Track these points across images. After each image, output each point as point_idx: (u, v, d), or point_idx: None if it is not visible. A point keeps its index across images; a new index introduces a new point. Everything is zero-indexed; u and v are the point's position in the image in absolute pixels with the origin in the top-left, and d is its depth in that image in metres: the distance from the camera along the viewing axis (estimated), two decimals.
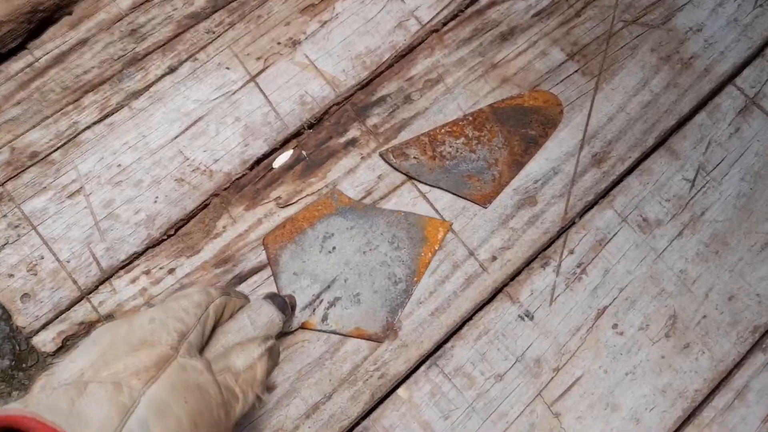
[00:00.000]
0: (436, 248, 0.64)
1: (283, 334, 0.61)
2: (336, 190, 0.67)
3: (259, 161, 0.69)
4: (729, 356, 0.64)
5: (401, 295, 0.63)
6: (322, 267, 0.64)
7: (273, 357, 0.49)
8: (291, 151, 0.69)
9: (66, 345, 0.61)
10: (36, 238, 0.64)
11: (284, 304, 0.53)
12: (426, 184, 0.69)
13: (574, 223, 0.68)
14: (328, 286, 0.63)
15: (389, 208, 0.66)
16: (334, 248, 0.64)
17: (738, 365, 0.64)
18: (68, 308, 0.62)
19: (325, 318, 0.62)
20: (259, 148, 0.69)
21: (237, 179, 0.68)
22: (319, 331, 0.62)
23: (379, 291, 0.63)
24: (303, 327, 0.62)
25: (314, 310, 0.62)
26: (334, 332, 0.62)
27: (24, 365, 1.59)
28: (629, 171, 0.70)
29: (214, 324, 0.47)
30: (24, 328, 0.61)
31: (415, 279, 0.63)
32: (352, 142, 0.70)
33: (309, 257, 0.64)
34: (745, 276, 0.67)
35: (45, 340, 0.61)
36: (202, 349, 0.46)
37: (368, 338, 0.61)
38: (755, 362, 0.64)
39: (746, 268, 0.67)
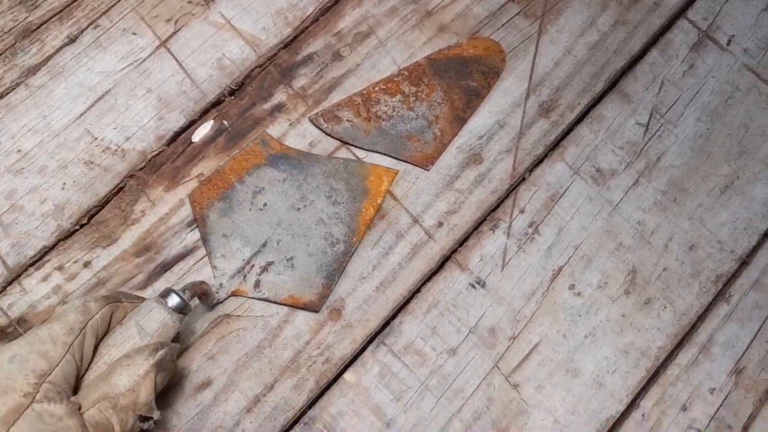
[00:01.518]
0: (379, 201, 0.58)
1: (213, 306, 0.55)
2: (266, 135, 0.60)
3: (176, 136, 0.62)
4: (692, 309, 0.60)
5: (339, 258, 0.57)
6: (252, 227, 0.57)
7: (165, 367, 0.44)
8: (211, 122, 0.62)
9: None
10: None
11: (182, 304, 0.47)
12: (362, 148, 0.63)
13: (523, 179, 0.63)
14: (259, 250, 0.57)
15: (326, 156, 0.60)
16: (265, 205, 0.58)
17: (701, 318, 0.60)
18: None
19: (257, 285, 0.56)
20: (176, 120, 0.62)
21: (153, 157, 0.61)
22: (251, 298, 0.56)
23: (315, 254, 0.57)
24: (234, 294, 0.56)
25: (245, 276, 0.56)
26: (267, 300, 0.56)
27: None
28: (579, 119, 0.65)
29: (99, 339, 0.42)
30: None
31: (355, 239, 0.58)
32: (279, 108, 0.63)
33: (238, 216, 0.58)
34: (705, 223, 0.62)
35: None
36: (83, 374, 0.40)
37: (303, 306, 0.56)
38: (719, 313, 0.60)
39: (706, 215, 0.63)
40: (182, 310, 0.48)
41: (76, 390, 0.43)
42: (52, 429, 0.37)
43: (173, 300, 0.48)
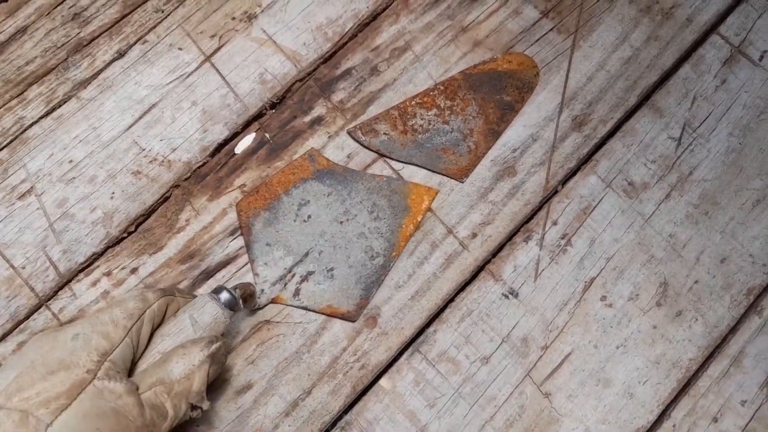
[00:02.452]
0: (419, 219, 0.60)
1: (254, 310, 0.57)
2: (314, 150, 0.62)
3: (220, 147, 0.64)
4: (723, 321, 0.61)
5: (378, 271, 0.59)
6: (296, 237, 0.59)
7: (218, 360, 0.46)
8: (253, 135, 0.64)
9: None
10: None
11: (233, 301, 0.49)
12: (398, 161, 0.64)
13: (556, 192, 0.64)
14: (301, 259, 0.59)
15: (371, 173, 0.62)
16: (309, 217, 0.60)
17: (733, 330, 0.61)
18: (27, 317, 0.58)
19: (296, 293, 0.58)
20: (219, 133, 0.64)
21: (198, 168, 0.63)
22: (290, 306, 0.58)
23: (355, 266, 0.59)
24: (274, 302, 0.58)
25: (286, 284, 0.58)
26: (305, 308, 0.58)
27: None
28: (612, 133, 0.66)
29: (154, 328, 0.44)
30: None
31: (394, 254, 0.59)
32: (318, 121, 0.65)
33: (283, 226, 0.60)
34: (736, 236, 0.63)
35: (4, 354, 0.57)
36: (137, 359, 0.43)
37: (340, 316, 0.57)
38: (750, 326, 0.61)
39: (738, 228, 0.63)
40: (233, 306, 0.50)
41: (130, 374, 0.45)
42: (111, 405, 0.39)
43: (225, 296, 0.50)
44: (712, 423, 0.59)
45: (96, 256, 0.61)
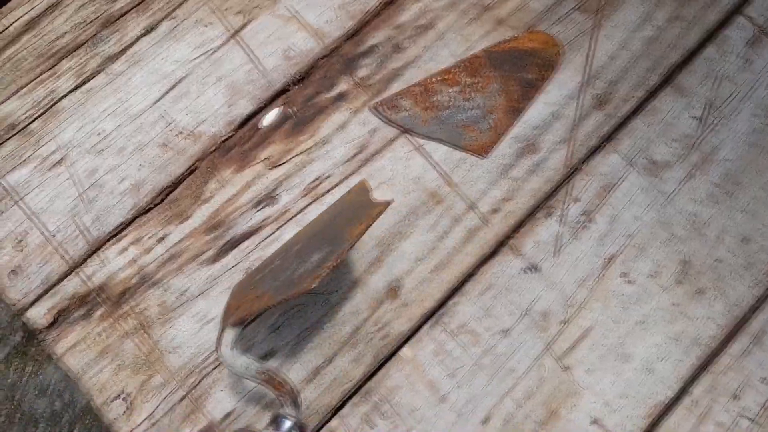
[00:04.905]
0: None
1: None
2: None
3: (245, 121, 0.67)
4: (744, 300, 0.62)
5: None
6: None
7: None
8: (278, 109, 0.67)
9: (58, 320, 0.60)
10: (20, 212, 0.63)
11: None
12: (421, 136, 0.67)
13: (578, 169, 0.66)
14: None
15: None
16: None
17: (754, 309, 0.62)
18: (58, 282, 0.61)
19: None
20: (245, 107, 0.67)
21: (223, 141, 0.66)
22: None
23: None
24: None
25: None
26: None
27: (36, 339, 1.60)
28: (634, 112, 0.68)
29: None
30: (14, 304, 0.60)
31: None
32: (342, 97, 0.68)
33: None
34: (758, 216, 0.65)
35: (37, 316, 0.60)
36: None
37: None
38: None
39: (760, 208, 0.65)
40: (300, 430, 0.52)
41: None
42: None
43: (285, 425, 0.52)
44: (732, 400, 0.60)
45: (124, 225, 0.64)
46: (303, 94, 0.68)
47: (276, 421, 0.52)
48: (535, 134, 0.67)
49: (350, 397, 0.60)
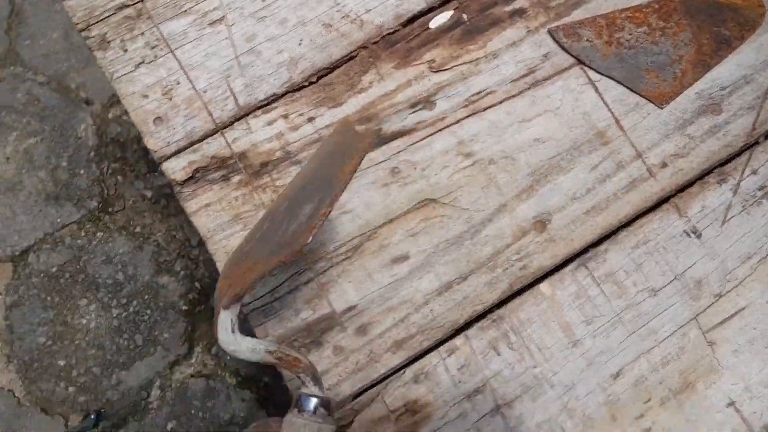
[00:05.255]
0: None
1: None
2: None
3: (414, 18, 0.64)
4: None
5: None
6: None
7: None
8: (451, 12, 0.64)
9: (195, 176, 0.58)
10: (173, 62, 0.61)
11: (322, 403, 0.47)
12: (597, 71, 0.63)
13: (760, 141, 0.61)
14: None
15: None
16: None
17: None
18: (201, 139, 0.59)
19: None
20: (417, 3, 0.64)
21: (389, 34, 0.63)
22: None
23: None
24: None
25: None
26: None
27: (111, 209, 1.62)
28: None
29: None
30: (155, 152, 0.59)
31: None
32: (519, 13, 0.64)
33: None
34: None
35: (175, 168, 0.59)
36: None
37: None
38: None
39: None
40: (325, 407, 0.47)
41: None
42: None
43: (310, 405, 0.46)
44: None
45: (276, 97, 0.61)
46: (479, 2, 0.64)
47: (299, 402, 0.46)
48: (722, 95, 0.62)
49: (478, 319, 0.57)
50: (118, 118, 1.69)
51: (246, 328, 0.50)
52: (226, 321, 0.46)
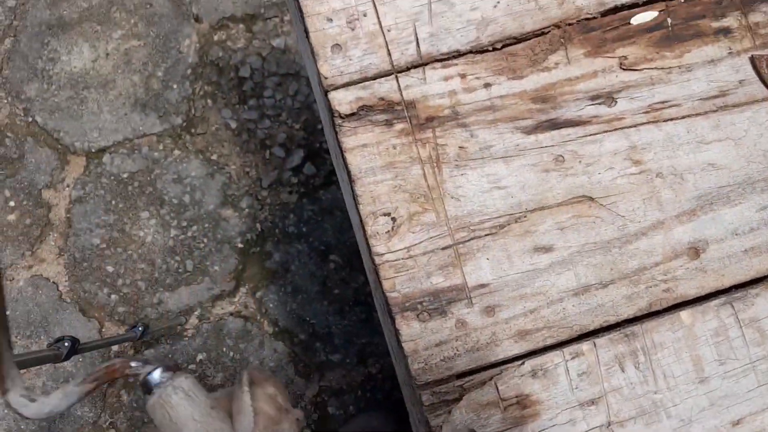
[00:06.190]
0: None
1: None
2: None
3: (616, 10, 0.63)
4: None
5: None
6: None
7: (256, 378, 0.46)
8: (656, 13, 0.63)
9: (359, 113, 0.59)
10: None
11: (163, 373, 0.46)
12: None
13: None
14: None
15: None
16: None
17: None
18: (374, 78, 0.60)
19: None
20: None
21: (587, 19, 0.63)
22: None
23: None
24: None
25: None
26: None
27: (193, 130, 1.66)
28: None
29: None
30: (326, 78, 0.59)
31: None
32: (725, 31, 0.63)
33: None
34: None
35: (341, 100, 0.59)
36: None
37: None
38: None
39: None
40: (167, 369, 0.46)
41: None
42: None
43: (155, 378, 0.45)
44: None
45: (457, 54, 0.62)
46: (688, 11, 0.63)
47: (145, 385, 0.45)
48: None
49: (609, 330, 0.57)
50: (223, 42, 1.72)
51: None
52: (17, 401, 0.44)
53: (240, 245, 1.64)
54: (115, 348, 1.57)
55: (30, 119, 1.68)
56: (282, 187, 1.65)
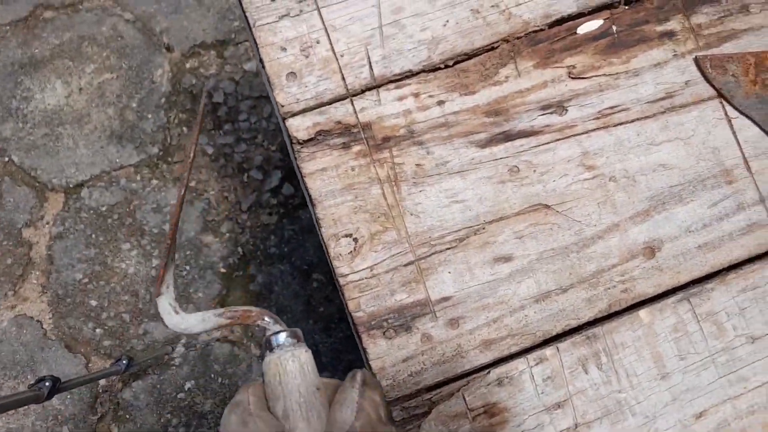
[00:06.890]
0: None
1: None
2: None
3: (562, 21, 0.67)
4: None
5: None
6: None
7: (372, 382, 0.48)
8: (601, 22, 0.67)
9: (317, 138, 0.62)
10: (317, 20, 0.65)
11: (289, 335, 0.49)
12: (736, 108, 0.65)
13: None
14: None
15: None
16: None
17: None
18: (330, 102, 0.63)
19: None
20: (568, 6, 0.67)
21: (534, 32, 0.66)
22: None
23: None
24: None
25: None
26: None
27: (170, 159, 1.69)
28: None
29: None
30: (282, 106, 0.63)
31: None
32: (669, 35, 0.67)
33: None
34: None
35: (299, 126, 0.63)
36: None
37: None
38: None
39: None
40: (294, 336, 0.49)
41: None
42: None
43: (279, 339, 0.48)
44: None
45: (410, 74, 0.65)
46: (632, 17, 0.67)
47: (268, 343, 0.48)
48: None
49: (571, 333, 0.60)
50: (195, 69, 1.75)
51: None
52: (164, 307, 0.50)
53: (223, 270, 1.67)
54: (102, 382, 1.58)
55: (6, 159, 1.70)
56: (261, 209, 1.68)
